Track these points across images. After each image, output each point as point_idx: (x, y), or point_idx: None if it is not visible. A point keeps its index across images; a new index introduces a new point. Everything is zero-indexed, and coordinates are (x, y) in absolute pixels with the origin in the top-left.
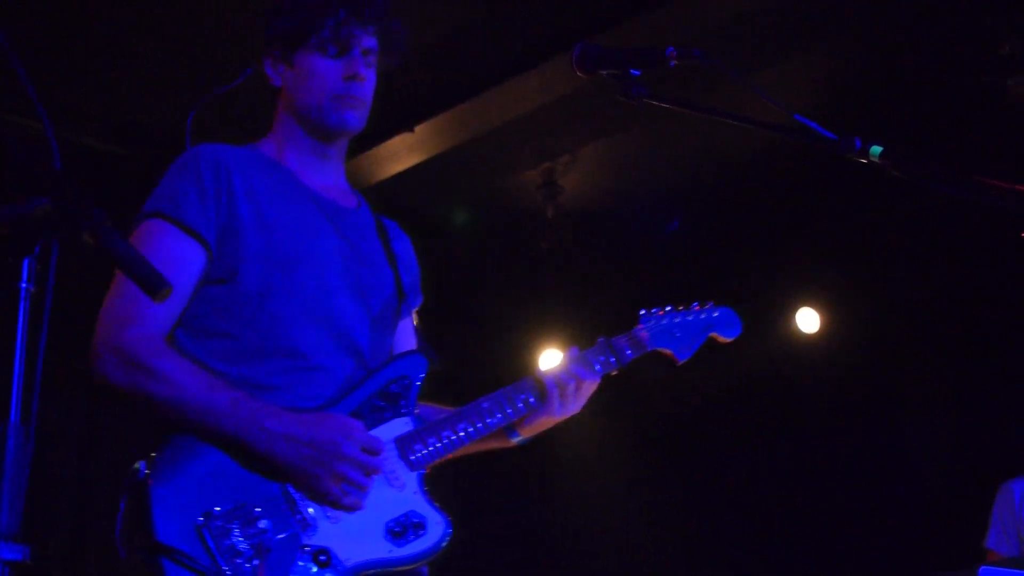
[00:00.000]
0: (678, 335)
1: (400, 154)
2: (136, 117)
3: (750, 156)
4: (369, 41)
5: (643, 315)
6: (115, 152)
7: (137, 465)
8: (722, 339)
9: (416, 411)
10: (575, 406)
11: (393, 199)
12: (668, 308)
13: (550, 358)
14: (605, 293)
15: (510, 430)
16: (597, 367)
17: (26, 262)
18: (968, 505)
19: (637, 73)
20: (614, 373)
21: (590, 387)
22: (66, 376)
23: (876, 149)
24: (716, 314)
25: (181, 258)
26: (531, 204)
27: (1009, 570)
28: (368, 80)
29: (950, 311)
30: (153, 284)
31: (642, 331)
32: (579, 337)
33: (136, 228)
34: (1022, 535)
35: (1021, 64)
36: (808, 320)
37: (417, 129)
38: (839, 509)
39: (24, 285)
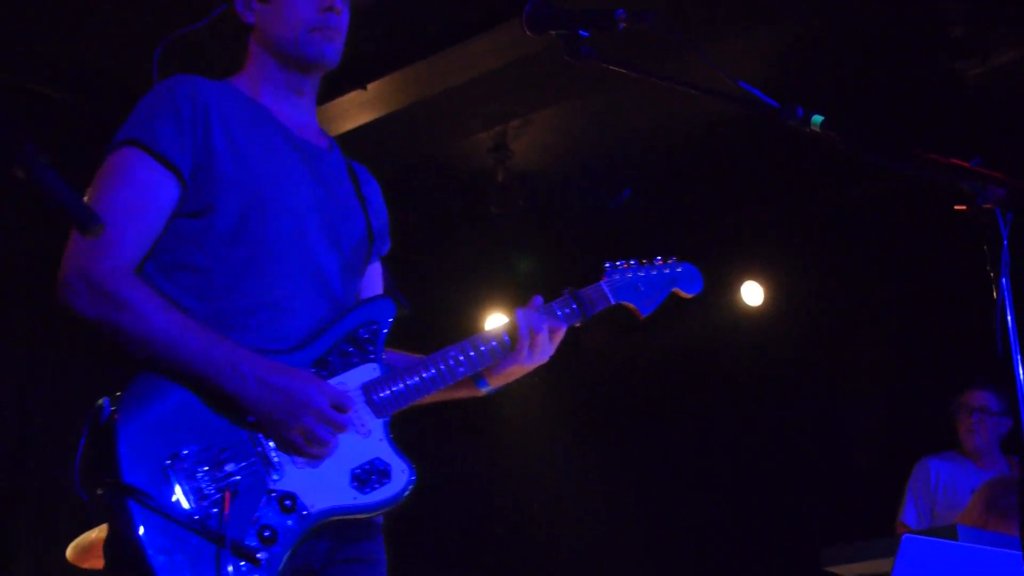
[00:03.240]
0: (642, 289)
1: (352, 111)
2: (91, 65)
3: (700, 128)
4: None
5: (608, 268)
6: (66, 100)
7: (101, 402)
8: (685, 294)
9: (384, 357)
10: (544, 355)
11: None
12: (632, 262)
13: (497, 322)
14: (553, 259)
15: (478, 379)
16: (563, 319)
17: None
18: (902, 478)
19: (586, 34)
20: (578, 325)
21: (558, 336)
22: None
23: (817, 119)
24: (680, 269)
25: (154, 188)
26: (482, 167)
27: (931, 538)
28: (344, 13)
29: (892, 288)
30: (84, 221)
31: (607, 284)
32: (526, 302)
33: (108, 156)
34: (935, 511)
35: (970, 47)
36: (752, 293)
37: (370, 87)
38: (776, 478)
39: None
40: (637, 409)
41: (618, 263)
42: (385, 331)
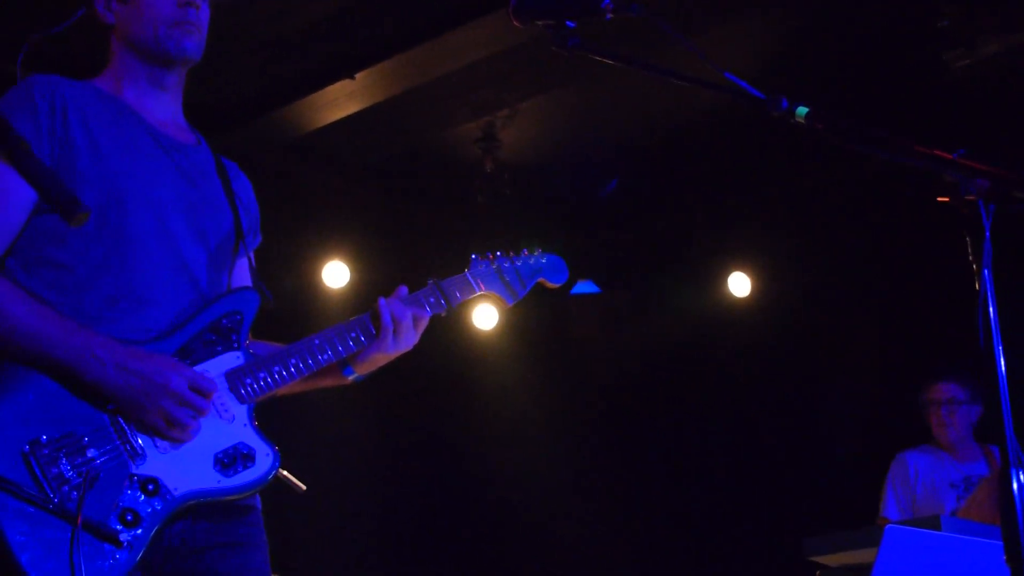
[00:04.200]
0: (507, 279)
1: (340, 101)
2: (75, 50)
3: (687, 118)
4: None
5: (474, 259)
6: None
7: None
8: (550, 285)
9: (248, 345)
10: (408, 342)
11: (332, 147)
12: (499, 253)
13: (484, 312)
14: (541, 249)
15: (344, 366)
16: (427, 308)
17: None
18: (887, 469)
19: (572, 24)
20: (443, 314)
21: (422, 324)
22: None
23: (802, 110)
24: (544, 260)
25: (12, 188)
26: (470, 157)
27: (914, 528)
28: (203, 7)
29: (878, 280)
30: (68, 209)
31: (471, 275)
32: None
33: None
34: (916, 506)
35: (957, 38)
36: (739, 284)
37: (358, 77)
38: (761, 468)
39: None
40: (623, 399)
41: (485, 254)
42: (249, 321)
